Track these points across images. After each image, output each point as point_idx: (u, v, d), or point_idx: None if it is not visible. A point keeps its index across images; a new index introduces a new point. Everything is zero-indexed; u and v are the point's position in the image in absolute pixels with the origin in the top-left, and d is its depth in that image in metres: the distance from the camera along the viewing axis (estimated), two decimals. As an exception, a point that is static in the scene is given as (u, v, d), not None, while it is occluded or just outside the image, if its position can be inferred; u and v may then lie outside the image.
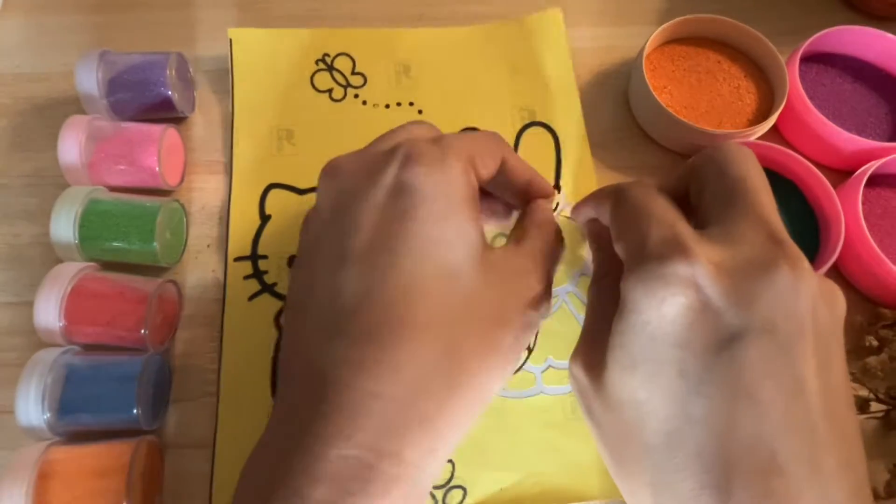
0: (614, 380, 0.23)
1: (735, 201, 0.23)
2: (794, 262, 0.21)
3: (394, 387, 0.21)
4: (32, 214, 0.41)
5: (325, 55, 0.46)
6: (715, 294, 0.21)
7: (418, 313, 0.22)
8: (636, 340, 0.22)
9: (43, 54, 0.46)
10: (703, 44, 0.47)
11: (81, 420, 0.34)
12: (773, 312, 0.20)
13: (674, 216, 0.23)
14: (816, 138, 0.44)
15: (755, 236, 0.22)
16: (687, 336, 0.21)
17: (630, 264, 0.22)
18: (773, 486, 0.19)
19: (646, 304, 0.21)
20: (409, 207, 0.23)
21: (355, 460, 0.20)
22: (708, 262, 0.21)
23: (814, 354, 0.21)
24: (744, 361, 0.20)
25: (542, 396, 0.38)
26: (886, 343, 0.39)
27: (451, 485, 0.36)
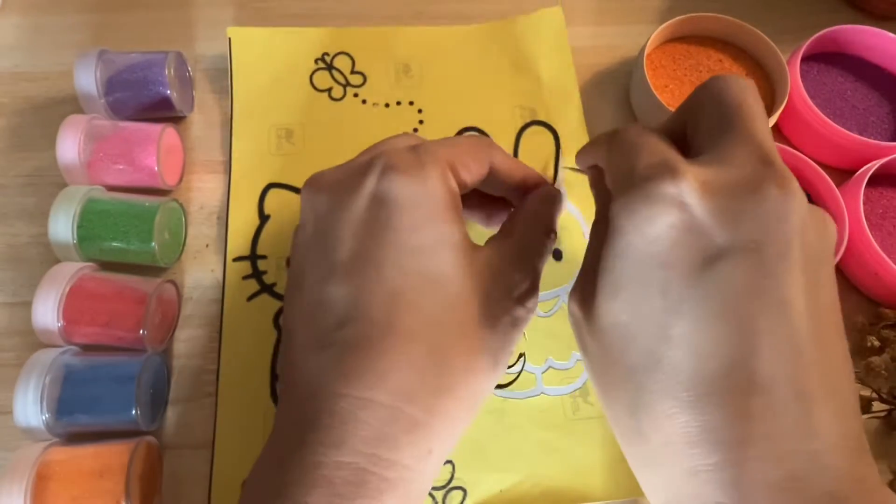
0: (601, 306, 0.23)
1: (729, 126, 0.22)
2: (784, 182, 0.21)
3: (382, 393, 0.22)
4: (31, 214, 0.41)
5: (324, 54, 0.46)
6: (701, 212, 0.20)
7: (402, 321, 0.22)
8: (621, 263, 0.22)
9: (41, 54, 0.46)
10: (705, 42, 0.47)
11: (80, 421, 0.33)
12: (760, 232, 0.20)
13: (664, 146, 0.23)
14: (817, 137, 0.44)
15: (746, 158, 0.21)
16: (670, 255, 0.21)
17: (617, 192, 0.22)
18: (750, 405, 0.19)
19: (630, 226, 0.21)
20: (388, 217, 0.23)
21: (348, 466, 0.21)
22: (694, 180, 0.21)
23: (801, 275, 0.20)
24: (726, 280, 0.20)
25: (542, 397, 0.38)
26: (888, 343, 0.39)
27: (451, 486, 0.36)
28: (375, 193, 0.23)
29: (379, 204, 0.23)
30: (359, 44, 0.47)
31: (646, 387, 0.21)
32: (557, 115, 0.45)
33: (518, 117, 0.45)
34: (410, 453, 0.22)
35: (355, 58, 0.46)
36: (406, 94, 0.46)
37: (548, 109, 0.45)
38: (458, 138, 0.27)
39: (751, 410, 0.19)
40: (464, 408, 0.24)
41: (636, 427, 0.22)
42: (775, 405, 0.19)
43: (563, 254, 0.41)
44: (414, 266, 0.23)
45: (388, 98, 0.45)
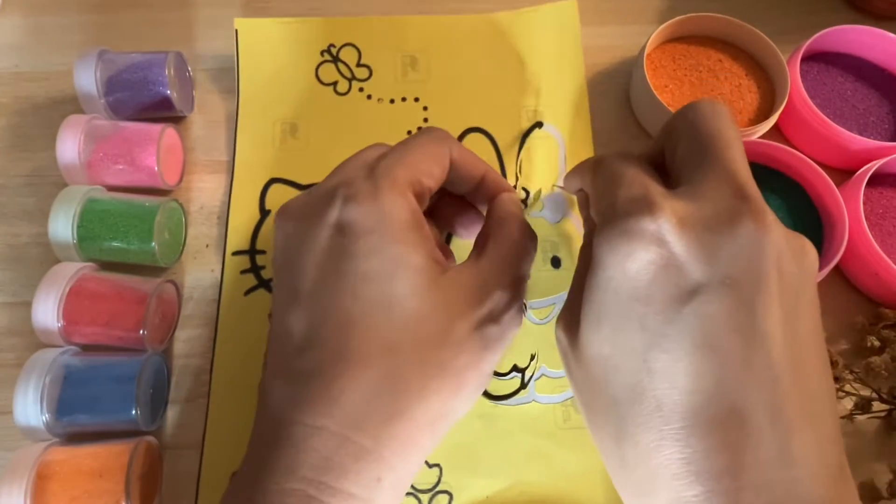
0: (584, 337, 0.23)
1: (704, 157, 0.23)
2: (758, 215, 0.21)
3: (331, 421, 0.22)
4: (31, 214, 0.41)
5: (330, 45, 0.46)
6: (678, 248, 0.21)
7: (355, 347, 0.23)
8: (602, 296, 0.22)
9: (41, 54, 0.46)
10: (705, 42, 0.47)
11: (80, 421, 0.33)
12: (736, 266, 0.21)
13: (644, 178, 0.23)
14: (817, 137, 0.44)
15: (721, 191, 0.22)
16: (648, 291, 0.21)
17: (600, 224, 0.23)
18: (731, 436, 0.20)
19: (611, 260, 0.22)
20: (346, 245, 0.24)
21: (295, 493, 0.21)
22: (672, 216, 0.21)
23: (778, 307, 0.21)
24: (704, 314, 0.20)
25: (534, 404, 0.38)
26: (888, 343, 0.39)
27: (438, 489, 0.36)
28: (337, 223, 0.24)
29: (340, 233, 0.24)
30: (366, 34, 0.46)
31: (629, 418, 0.22)
32: (564, 117, 0.45)
33: (524, 119, 0.45)
34: (357, 481, 0.22)
35: (362, 49, 0.46)
36: (412, 89, 0.45)
37: (555, 112, 0.45)
38: (415, 141, 0.27)
39: (732, 441, 0.20)
40: (423, 433, 0.24)
41: (621, 456, 0.22)
42: (755, 435, 0.20)
43: (562, 261, 0.41)
44: (369, 292, 0.23)
45: (393, 94, 0.45)
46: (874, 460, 0.37)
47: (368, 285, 0.23)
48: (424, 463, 0.36)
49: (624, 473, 0.23)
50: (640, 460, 0.21)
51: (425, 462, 0.36)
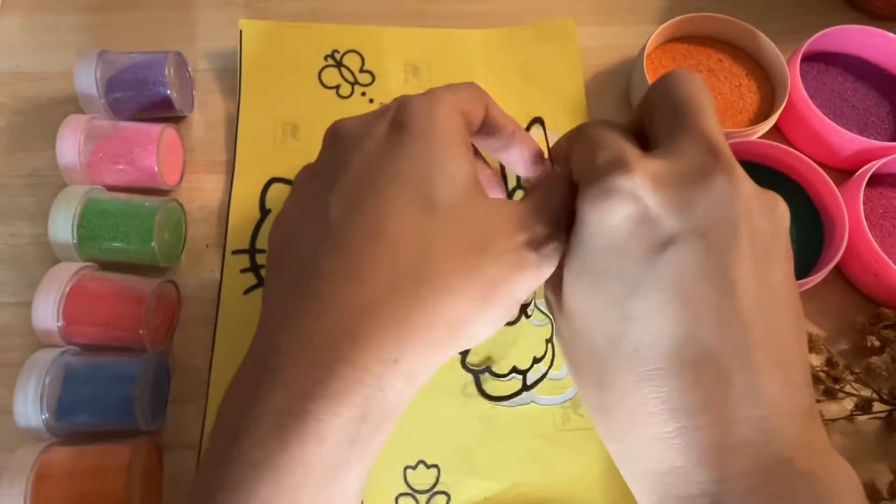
0: (566, 291, 0.24)
1: (679, 121, 0.24)
2: (729, 170, 0.22)
3: (356, 293, 0.22)
4: (31, 214, 0.41)
5: (334, 51, 0.46)
6: (653, 203, 0.22)
7: (389, 230, 0.23)
8: (583, 252, 0.24)
9: (42, 54, 0.46)
10: (705, 42, 0.47)
11: (80, 421, 0.33)
12: (707, 217, 0.22)
13: (620, 141, 0.24)
14: (817, 138, 0.44)
15: (694, 150, 0.23)
16: (626, 244, 0.22)
17: (581, 186, 0.24)
18: (703, 376, 0.21)
19: (591, 218, 0.23)
20: (396, 145, 0.25)
21: (313, 363, 0.21)
22: (646, 173, 0.22)
23: (748, 257, 0.22)
24: (677, 264, 0.21)
25: (532, 406, 0.38)
26: (888, 343, 0.39)
27: (436, 490, 0.36)
28: (392, 121, 0.25)
29: (390, 135, 0.25)
30: (369, 42, 0.47)
31: (608, 363, 0.23)
32: (564, 125, 0.45)
33: (524, 125, 0.45)
34: (376, 357, 0.22)
35: (365, 56, 0.46)
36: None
37: (555, 120, 0.45)
38: (460, 84, 0.28)
39: (704, 381, 0.21)
40: (442, 332, 0.23)
41: (602, 401, 0.24)
42: (726, 376, 0.21)
43: None
44: (410, 187, 0.24)
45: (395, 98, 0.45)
46: (874, 461, 0.37)
47: (413, 181, 0.24)
48: (422, 463, 0.36)
49: (606, 418, 0.24)
50: (620, 402, 0.23)
51: (423, 462, 0.36)
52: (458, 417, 0.37)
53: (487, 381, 0.38)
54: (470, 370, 0.38)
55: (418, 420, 0.37)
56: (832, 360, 0.38)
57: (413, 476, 0.36)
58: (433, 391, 0.37)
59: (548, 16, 0.49)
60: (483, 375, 0.38)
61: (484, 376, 0.38)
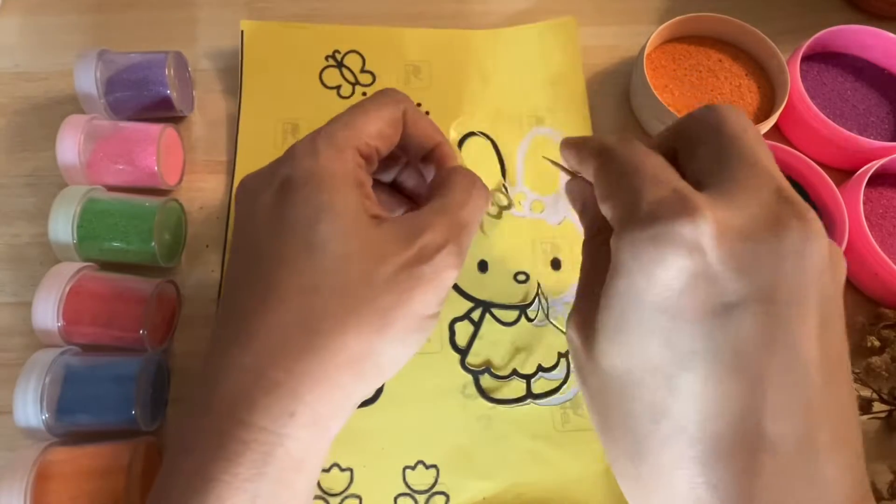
0: (601, 345, 0.22)
1: (735, 157, 0.21)
2: (805, 220, 0.20)
3: (247, 357, 0.22)
4: (31, 214, 0.41)
5: (335, 51, 0.46)
6: (715, 258, 0.19)
7: (276, 287, 0.23)
8: (622, 305, 0.21)
9: (41, 54, 0.46)
10: (705, 42, 0.47)
11: (80, 421, 0.33)
12: (776, 278, 0.19)
13: (671, 173, 0.22)
14: (817, 138, 0.44)
15: (761, 194, 0.20)
16: (678, 302, 0.20)
17: (621, 225, 0.21)
18: (759, 463, 0.19)
19: (635, 266, 0.20)
20: (283, 198, 0.25)
21: (212, 429, 0.22)
22: (715, 221, 0.19)
23: (816, 324, 0.19)
24: (737, 333, 0.19)
25: (532, 406, 0.38)
26: (888, 343, 0.39)
27: (434, 490, 0.36)
28: (280, 182, 0.25)
29: (281, 189, 0.25)
30: (370, 43, 0.47)
31: (648, 437, 0.21)
32: (565, 124, 0.45)
33: (526, 124, 0.45)
34: (268, 415, 0.22)
35: (366, 57, 0.46)
36: (414, 95, 0.45)
37: (555, 118, 0.45)
38: (363, 103, 0.27)
39: (758, 467, 0.19)
40: (343, 372, 0.23)
41: (636, 476, 0.22)
42: (783, 461, 0.19)
43: (563, 263, 0.41)
44: (295, 237, 0.24)
45: None
46: (874, 460, 0.37)
47: (298, 231, 0.24)
48: (421, 464, 0.36)
49: (638, 489, 0.22)
50: (659, 480, 0.21)
51: (422, 463, 0.36)
52: (458, 418, 0.37)
53: (487, 382, 0.38)
54: (469, 371, 0.38)
55: (417, 420, 0.37)
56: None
57: (412, 476, 0.36)
58: (432, 392, 0.37)
59: (548, 16, 0.49)
60: (482, 376, 0.38)
61: (483, 377, 0.38)
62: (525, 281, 0.40)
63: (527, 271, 0.40)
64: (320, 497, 0.35)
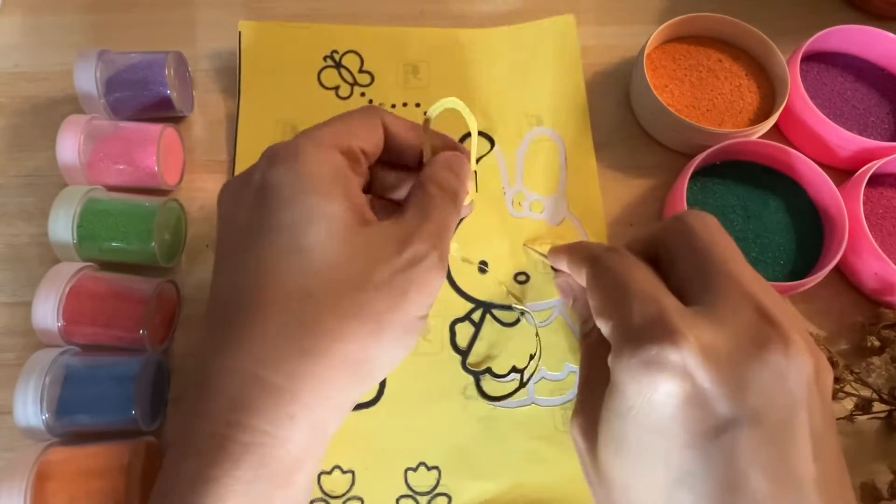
0: (602, 457, 0.23)
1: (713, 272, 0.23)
2: (787, 340, 0.21)
3: (244, 362, 0.23)
4: (31, 214, 0.41)
5: (333, 52, 0.46)
6: (705, 381, 0.20)
7: (268, 292, 0.23)
8: (621, 425, 0.22)
9: (41, 54, 0.46)
10: (705, 42, 0.47)
11: (80, 421, 0.33)
12: (765, 399, 0.20)
13: (656, 289, 0.23)
14: (817, 138, 0.44)
15: (743, 310, 0.21)
16: (671, 424, 0.21)
17: (616, 345, 0.22)
18: None
19: (631, 390, 0.21)
20: (265, 201, 0.25)
21: (211, 432, 0.22)
22: (697, 345, 0.20)
23: (808, 442, 0.20)
24: (731, 453, 0.20)
25: (533, 407, 0.38)
26: (888, 343, 0.39)
27: (436, 492, 0.35)
28: (259, 184, 0.25)
29: (261, 191, 0.25)
30: (368, 43, 0.47)
31: None
32: (565, 124, 0.45)
33: (525, 124, 0.45)
34: (268, 418, 0.22)
35: (364, 57, 0.46)
36: (413, 95, 0.45)
37: (555, 118, 0.45)
38: (346, 113, 0.28)
39: None
40: (341, 375, 0.24)
41: None
42: None
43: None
44: (285, 241, 0.24)
45: (395, 99, 0.45)
46: (874, 460, 0.37)
47: (284, 234, 0.24)
48: (423, 465, 0.36)
49: None
50: None
51: (424, 464, 0.36)
52: (459, 419, 0.37)
53: (488, 383, 0.38)
54: (470, 371, 0.38)
55: (419, 422, 0.37)
56: (832, 360, 0.38)
57: (414, 478, 0.36)
58: (433, 393, 0.37)
59: (548, 15, 0.49)
60: (483, 377, 0.38)
61: (484, 377, 0.38)
62: (525, 282, 0.40)
63: (527, 272, 0.40)
64: (322, 499, 0.35)
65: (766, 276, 0.40)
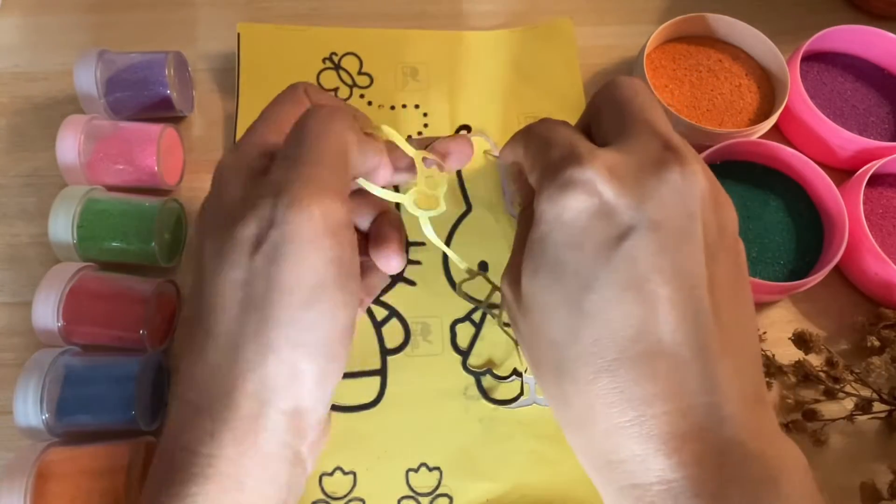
0: (524, 287, 0.25)
1: (628, 118, 0.25)
2: (685, 162, 0.23)
3: (190, 391, 0.24)
4: (31, 214, 0.41)
5: (332, 54, 0.46)
6: (609, 194, 0.22)
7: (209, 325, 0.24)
8: (540, 248, 0.24)
9: (41, 54, 0.46)
10: (705, 42, 0.47)
11: (80, 421, 0.33)
12: (662, 210, 0.22)
13: (572, 135, 0.25)
14: (817, 138, 0.44)
15: (647, 143, 0.23)
16: (581, 237, 0.23)
17: (538, 185, 0.24)
18: (657, 367, 0.22)
19: (549, 214, 0.23)
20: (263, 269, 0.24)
21: (167, 457, 0.24)
22: (602, 164, 0.23)
23: (699, 251, 0.22)
24: (632, 257, 0.22)
25: (534, 407, 0.38)
26: (888, 343, 0.39)
27: (438, 493, 0.35)
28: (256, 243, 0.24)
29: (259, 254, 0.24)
30: (367, 45, 0.47)
31: (567, 357, 0.23)
32: None
33: (523, 125, 0.45)
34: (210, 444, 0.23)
35: (363, 59, 0.46)
36: (412, 97, 0.45)
37: None
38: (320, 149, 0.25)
39: (657, 371, 0.22)
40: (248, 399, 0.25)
41: (562, 394, 0.24)
42: (678, 365, 0.22)
43: None
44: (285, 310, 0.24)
45: (394, 101, 0.45)
46: (874, 460, 0.37)
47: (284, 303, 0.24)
48: (424, 466, 0.36)
49: (565, 410, 0.25)
50: (579, 394, 0.23)
51: (425, 465, 0.36)
52: (460, 420, 0.37)
53: (489, 383, 0.38)
54: (471, 372, 0.38)
55: (419, 423, 0.37)
56: (832, 360, 0.38)
57: (415, 479, 0.36)
58: (434, 394, 0.37)
59: (547, 16, 0.49)
60: (484, 377, 0.38)
61: (485, 378, 0.38)
62: None
63: None
64: (324, 500, 0.35)
65: (766, 276, 0.40)
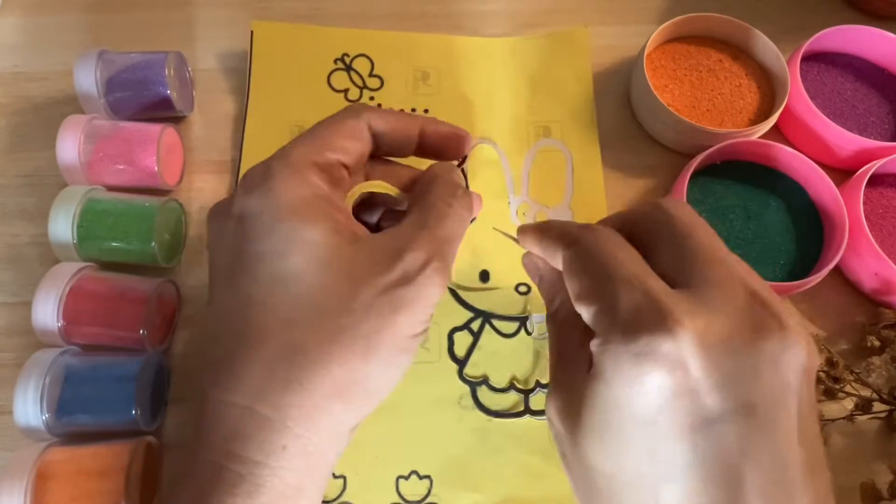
0: (584, 443, 0.22)
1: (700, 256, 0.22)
2: (784, 327, 0.20)
3: (237, 394, 0.23)
4: (31, 214, 0.41)
5: (344, 55, 0.46)
6: (698, 372, 0.19)
7: (255, 325, 0.23)
8: (605, 412, 0.21)
9: (41, 54, 0.46)
10: (705, 42, 0.47)
11: (80, 421, 0.33)
12: (756, 389, 0.19)
13: (643, 271, 0.22)
14: (817, 138, 0.44)
15: (736, 294, 0.21)
16: (659, 415, 0.20)
17: (602, 332, 0.21)
18: None
19: (616, 380, 0.20)
20: (243, 232, 0.24)
21: (211, 463, 0.22)
22: (695, 333, 0.19)
23: (795, 427, 0.20)
24: (720, 445, 0.19)
25: (528, 420, 0.37)
26: (888, 343, 0.39)
27: (427, 501, 0.35)
28: (238, 214, 0.25)
29: (239, 222, 0.24)
30: (379, 47, 0.47)
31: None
32: (572, 136, 0.45)
33: (532, 134, 0.45)
34: (262, 449, 0.22)
35: (375, 61, 0.46)
36: (422, 101, 0.45)
37: (563, 129, 0.45)
38: (322, 122, 0.27)
39: None
40: (332, 401, 0.23)
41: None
42: None
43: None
44: (265, 271, 0.23)
45: (403, 104, 0.45)
46: (874, 460, 0.37)
47: (264, 264, 0.23)
48: (415, 474, 0.36)
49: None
50: None
51: (416, 473, 0.36)
52: (453, 429, 0.37)
53: (484, 394, 0.38)
54: (467, 381, 0.38)
55: (412, 430, 0.37)
56: (832, 360, 0.38)
57: (405, 486, 0.36)
58: (429, 402, 0.37)
59: (549, 15, 0.49)
60: (480, 388, 0.38)
61: (481, 388, 0.38)
62: (527, 292, 0.40)
63: (528, 282, 0.40)
64: None
65: (766, 276, 0.40)
